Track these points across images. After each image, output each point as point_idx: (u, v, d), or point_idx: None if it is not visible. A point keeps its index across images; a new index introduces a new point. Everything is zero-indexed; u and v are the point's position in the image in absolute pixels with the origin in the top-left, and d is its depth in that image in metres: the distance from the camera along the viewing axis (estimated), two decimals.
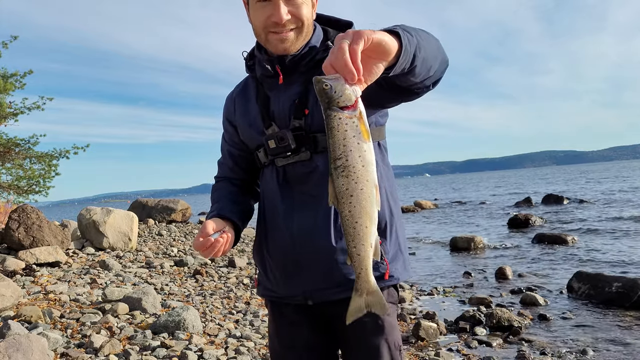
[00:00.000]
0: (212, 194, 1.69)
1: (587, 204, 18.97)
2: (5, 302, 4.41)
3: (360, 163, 0.99)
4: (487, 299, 6.01)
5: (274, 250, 1.52)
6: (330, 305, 1.46)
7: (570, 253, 9.13)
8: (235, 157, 1.67)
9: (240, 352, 3.79)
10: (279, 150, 1.45)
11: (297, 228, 1.45)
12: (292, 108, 1.45)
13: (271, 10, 1.36)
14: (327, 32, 1.52)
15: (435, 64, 1.19)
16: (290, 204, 1.47)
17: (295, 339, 1.55)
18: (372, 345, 1.45)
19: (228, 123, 1.66)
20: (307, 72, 1.44)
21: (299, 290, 1.49)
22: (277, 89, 1.49)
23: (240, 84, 1.66)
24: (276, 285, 1.55)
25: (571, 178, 49.94)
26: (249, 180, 1.71)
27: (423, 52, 1.10)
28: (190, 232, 14.28)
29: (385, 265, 1.45)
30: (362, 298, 1.11)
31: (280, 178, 1.50)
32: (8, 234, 7.03)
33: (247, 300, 5.83)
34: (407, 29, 1.08)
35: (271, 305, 1.63)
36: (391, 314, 1.49)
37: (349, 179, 0.99)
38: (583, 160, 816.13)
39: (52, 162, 14.55)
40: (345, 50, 0.92)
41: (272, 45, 1.43)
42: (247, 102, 1.58)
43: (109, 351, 3.55)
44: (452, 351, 4.36)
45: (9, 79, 13.36)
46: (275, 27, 1.38)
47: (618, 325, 4.85)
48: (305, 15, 1.39)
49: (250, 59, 1.58)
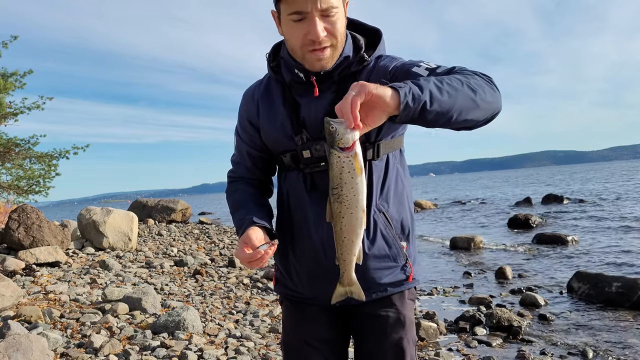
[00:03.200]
0: (230, 195, 1.68)
1: (587, 203, 18.97)
2: (5, 302, 4.41)
3: (352, 193, 1.24)
4: (487, 299, 6.01)
5: (301, 255, 1.55)
6: (355, 305, 1.52)
7: (570, 253, 9.13)
8: (254, 158, 1.66)
9: (240, 352, 3.79)
10: (313, 160, 1.48)
11: (327, 236, 1.46)
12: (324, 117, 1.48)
13: (307, 28, 1.35)
14: (356, 38, 1.53)
15: (463, 116, 1.25)
16: (319, 212, 1.48)
17: (313, 335, 1.59)
18: (394, 340, 1.52)
19: (249, 124, 1.62)
20: (340, 81, 1.47)
21: (326, 293, 1.51)
22: (308, 96, 1.49)
23: (262, 83, 1.63)
24: (301, 287, 1.59)
25: (571, 178, 49.96)
26: (264, 180, 1.72)
27: (437, 107, 1.19)
28: (190, 232, 14.28)
29: (410, 268, 1.55)
30: (345, 288, 1.40)
31: (308, 184, 1.52)
32: (8, 234, 7.03)
33: (247, 300, 5.83)
34: (422, 85, 1.18)
35: (290, 302, 1.66)
36: (410, 311, 1.58)
37: (342, 205, 1.25)
38: (583, 160, 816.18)
39: (52, 162, 14.56)
40: (349, 100, 1.11)
41: (309, 64, 1.43)
42: (272, 104, 1.56)
43: (109, 351, 3.55)
44: (452, 351, 4.36)
45: (8, 78, 13.36)
46: (312, 45, 1.38)
47: (618, 325, 4.86)
48: (339, 29, 1.40)
49: (273, 60, 1.56)
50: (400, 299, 1.55)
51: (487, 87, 1.29)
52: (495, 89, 1.32)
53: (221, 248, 10.88)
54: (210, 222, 18.97)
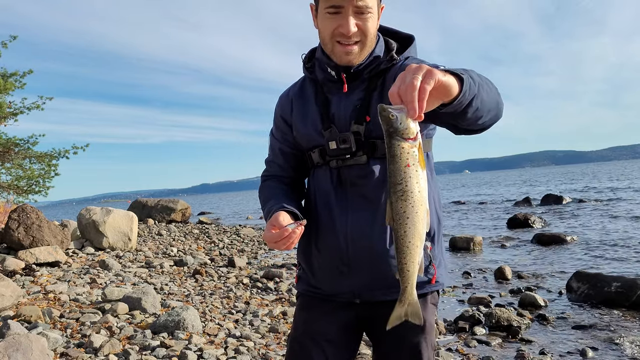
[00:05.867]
0: (261, 191, 1.71)
1: (586, 203, 18.98)
2: (5, 301, 4.41)
3: (417, 189, 1.11)
4: (487, 299, 6.01)
5: (324, 250, 1.55)
6: (376, 305, 1.51)
7: (570, 253, 9.14)
8: (287, 154, 1.70)
9: (240, 351, 3.80)
10: (339, 152, 1.50)
11: (351, 229, 1.48)
12: (353, 113, 1.50)
13: (340, 21, 1.42)
14: (388, 42, 1.57)
15: (487, 116, 1.27)
16: (344, 206, 1.51)
17: (322, 333, 1.58)
18: (413, 344, 1.51)
19: (283, 121, 1.68)
20: (370, 79, 1.52)
21: (347, 289, 1.53)
22: (338, 93, 1.54)
23: (297, 84, 1.71)
24: (323, 283, 1.59)
25: (571, 178, 49.98)
26: (297, 179, 1.74)
27: (479, 103, 1.18)
28: (190, 231, 14.28)
29: (434, 270, 1.54)
30: (404, 308, 1.25)
31: (335, 179, 1.54)
32: (8, 234, 7.03)
33: (246, 300, 5.84)
34: (473, 77, 1.15)
35: (308, 298, 1.65)
36: (431, 315, 1.58)
37: (406, 203, 1.11)
38: (582, 160, 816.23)
39: (52, 162, 14.55)
40: (416, 87, 1.00)
41: (337, 56, 1.49)
42: (305, 102, 1.62)
43: (109, 351, 3.56)
44: (452, 351, 4.36)
45: (8, 78, 13.35)
46: (341, 38, 1.44)
47: (617, 325, 4.86)
48: (369, 29, 1.45)
49: (308, 61, 1.63)
50: (423, 302, 1.52)
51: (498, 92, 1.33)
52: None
53: (221, 248, 10.88)
54: (210, 222, 18.97)
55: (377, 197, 1.46)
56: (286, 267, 8.07)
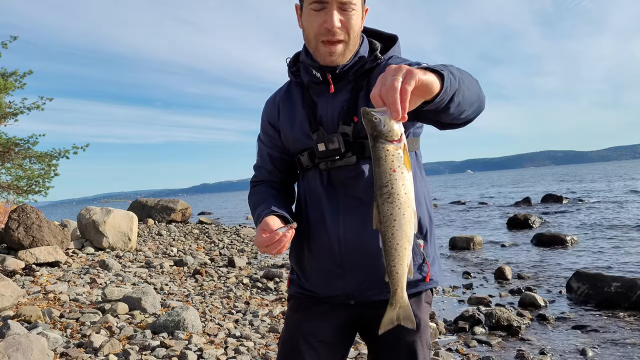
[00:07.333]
0: (251, 197, 1.70)
1: (586, 203, 18.98)
2: (5, 301, 4.41)
3: (403, 191, 1.10)
4: (487, 299, 6.01)
5: (318, 252, 1.55)
6: (371, 306, 1.51)
7: (570, 253, 9.14)
8: (275, 159, 1.69)
9: (240, 351, 3.80)
10: (328, 153, 1.49)
11: (344, 231, 1.48)
12: (340, 114, 1.50)
13: (324, 17, 1.42)
14: (372, 43, 1.58)
15: (470, 110, 1.27)
16: (336, 207, 1.51)
17: (314, 334, 1.56)
18: (408, 343, 1.50)
19: (270, 127, 1.68)
20: (355, 80, 1.52)
21: (342, 291, 1.53)
22: (325, 95, 1.54)
23: (282, 88, 1.70)
24: (316, 286, 1.59)
25: (571, 178, 49.97)
26: (287, 183, 1.74)
27: (460, 97, 1.18)
28: (190, 231, 14.28)
29: (427, 268, 1.54)
30: (395, 312, 1.24)
31: (325, 181, 1.53)
32: (8, 234, 7.03)
33: (246, 300, 5.84)
34: (453, 72, 1.16)
35: (300, 299, 1.64)
36: (426, 314, 1.57)
37: (393, 205, 1.11)
38: (582, 160, 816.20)
39: (52, 162, 14.54)
40: (397, 88, 0.99)
41: (321, 57, 1.49)
42: (292, 106, 1.62)
43: (109, 351, 3.56)
44: (452, 351, 4.36)
45: (8, 78, 13.35)
46: (326, 34, 1.44)
47: (617, 325, 4.86)
48: (353, 26, 1.45)
49: (293, 65, 1.63)
50: (417, 301, 1.53)
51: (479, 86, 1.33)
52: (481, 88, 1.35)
53: (221, 248, 10.88)
54: (209, 222, 18.97)
55: (368, 198, 1.44)
56: (286, 267, 8.07)
